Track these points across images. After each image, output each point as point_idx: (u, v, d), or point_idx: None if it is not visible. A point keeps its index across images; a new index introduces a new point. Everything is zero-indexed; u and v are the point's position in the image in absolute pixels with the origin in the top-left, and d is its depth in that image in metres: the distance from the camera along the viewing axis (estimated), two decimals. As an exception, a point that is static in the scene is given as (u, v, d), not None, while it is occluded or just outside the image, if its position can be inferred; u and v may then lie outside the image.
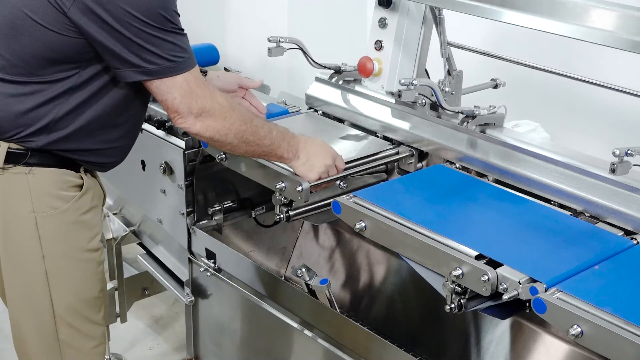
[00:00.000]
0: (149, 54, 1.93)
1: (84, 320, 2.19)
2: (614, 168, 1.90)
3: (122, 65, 1.94)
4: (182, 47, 1.97)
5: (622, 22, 1.88)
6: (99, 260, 2.19)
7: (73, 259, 2.12)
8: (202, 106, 2.01)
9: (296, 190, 2.20)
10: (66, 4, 1.89)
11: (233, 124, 2.07)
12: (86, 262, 2.15)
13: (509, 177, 2.21)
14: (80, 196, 2.10)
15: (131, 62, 1.93)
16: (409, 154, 2.47)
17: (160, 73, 1.96)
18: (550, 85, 2.62)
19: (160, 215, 2.83)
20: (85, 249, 2.14)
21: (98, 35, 1.91)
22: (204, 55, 3.13)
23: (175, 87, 1.97)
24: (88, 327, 2.20)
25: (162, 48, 1.94)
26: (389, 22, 2.43)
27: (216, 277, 2.66)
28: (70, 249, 2.11)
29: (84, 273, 2.16)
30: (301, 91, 2.82)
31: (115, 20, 1.89)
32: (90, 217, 2.14)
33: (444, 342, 2.48)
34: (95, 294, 2.20)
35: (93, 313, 2.21)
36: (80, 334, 2.19)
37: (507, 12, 2.05)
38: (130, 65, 1.94)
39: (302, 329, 2.38)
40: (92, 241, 2.15)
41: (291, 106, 2.77)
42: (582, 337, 1.61)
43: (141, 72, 1.95)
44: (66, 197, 2.08)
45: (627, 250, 1.91)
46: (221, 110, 2.05)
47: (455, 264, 1.82)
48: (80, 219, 2.11)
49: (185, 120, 2.01)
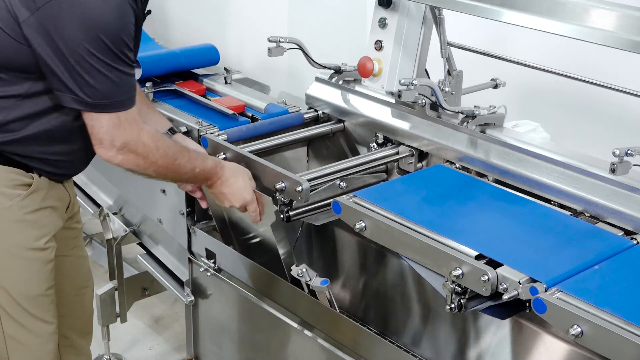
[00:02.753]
0: (87, 86, 1.94)
1: (29, 317, 2.18)
2: (614, 168, 1.90)
3: (61, 88, 1.96)
4: (122, 87, 1.98)
5: (622, 22, 1.88)
6: (46, 260, 2.18)
7: (15, 255, 2.12)
8: (125, 141, 2.03)
9: (296, 190, 2.20)
10: (20, 16, 1.91)
11: (154, 162, 2.11)
12: (30, 260, 2.15)
13: (509, 177, 2.21)
14: (26, 195, 2.10)
15: (70, 88, 1.94)
16: (409, 154, 2.47)
17: (92, 106, 1.97)
18: (550, 85, 2.62)
19: (160, 215, 2.83)
20: (29, 247, 2.13)
21: (44, 54, 1.92)
22: (204, 55, 3.13)
23: (105, 119, 1.99)
24: (34, 323, 2.20)
25: (101, 83, 1.94)
26: (389, 22, 2.43)
27: (216, 277, 2.66)
28: (11, 246, 2.12)
29: (27, 271, 2.15)
30: (301, 91, 2.82)
31: (63, 44, 1.90)
32: (38, 217, 2.14)
33: (444, 342, 2.48)
34: (41, 292, 2.19)
35: (40, 311, 2.20)
36: (26, 330, 2.19)
37: (507, 12, 2.05)
38: (68, 91, 1.95)
39: (302, 329, 2.38)
40: (39, 240, 2.15)
41: (291, 106, 2.77)
42: (582, 337, 1.61)
43: (77, 100, 1.96)
44: (10, 194, 2.08)
45: (627, 250, 1.91)
46: (144, 150, 2.08)
47: (455, 264, 1.82)
48: (25, 218, 2.11)
49: (107, 152, 2.04)
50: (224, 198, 2.32)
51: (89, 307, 2.57)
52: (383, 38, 2.45)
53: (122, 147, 2.03)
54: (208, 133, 2.53)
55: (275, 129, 2.66)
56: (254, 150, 2.50)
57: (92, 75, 1.92)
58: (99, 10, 1.89)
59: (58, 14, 1.88)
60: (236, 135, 2.56)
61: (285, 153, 2.71)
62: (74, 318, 2.48)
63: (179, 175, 2.22)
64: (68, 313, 2.41)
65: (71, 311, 2.44)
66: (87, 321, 2.57)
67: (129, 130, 2.03)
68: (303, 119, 2.72)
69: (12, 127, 2.04)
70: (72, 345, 2.49)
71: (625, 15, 1.88)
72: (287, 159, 2.72)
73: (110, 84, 1.95)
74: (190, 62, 3.07)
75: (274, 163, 2.37)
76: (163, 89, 2.92)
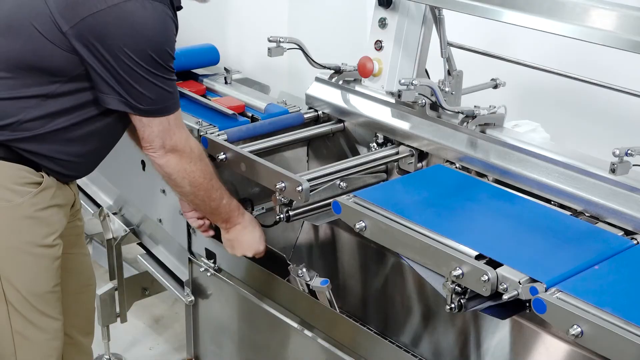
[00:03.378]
0: (136, 93, 2.01)
1: (37, 313, 2.20)
2: (614, 168, 1.90)
3: (108, 91, 2.02)
4: (168, 91, 2.06)
5: (622, 22, 1.88)
6: (54, 257, 2.20)
7: (25, 252, 2.14)
8: (174, 144, 2.13)
9: (296, 190, 2.20)
10: (64, 26, 1.95)
11: (194, 171, 2.20)
12: (39, 257, 2.17)
13: (509, 177, 2.20)
14: (37, 193, 2.12)
15: (118, 92, 2.01)
16: (409, 154, 2.47)
17: (143, 112, 2.06)
18: (550, 85, 2.62)
19: (160, 215, 2.83)
20: (39, 244, 2.15)
21: (90, 61, 1.98)
22: (204, 55, 3.13)
23: (155, 124, 2.09)
24: (41, 320, 2.21)
25: (150, 90, 2.02)
26: (389, 22, 2.43)
27: (216, 277, 2.66)
28: (21, 243, 2.13)
29: (36, 267, 2.17)
30: (301, 91, 2.82)
31: (109, 54, 1.96)
32: (47, 214, 2.16)
33: (444, 342, 2.48)
34: (48, 289, 2.21)
35: (47, 307, 2.22)
36: (33, 326, 2.20)
37: (507, 12, 2.05)
38: (116, 94, 2.02)
39: (302, 329, 2.38)
40: (48, 238, 2.17)
41: (291, 106, 2.77)
42: (582, 337, 1.61)
43: (125, 103, 2.03)
44: (22, 191, 2.10)
45: (627, 250, 1.90)
46: (190, 154, 2.17)
47: (455, 264, 1.82)
48: (36, 215, 2.13)
49: (155, 152, 2.13)
50: (239, 245, 2.40)
51: (92, 305, 2.59)
52: (383, 38, 2.45)
53: (171, 149, 2.13)
54: (208, 133, 2.53)
55: (275, 129, 2.66)
56: (254, 150, 2.50)
57: (139, 82, 2.00)
58: (145, 25, 1.96)
59: (105, 28, 1.94)
60: (236, 135, 2.56)
61: (285, 153, 2.71)
62: (77, 316, 2.50)
63: (208, 197, 2.27)
64: (71, 311, 2.42)
65: (74, 309, 2.46)
66: (89, 319, 2.58)
67: (178, 134, 2.13)
68: (303, 119, 2.72)
69: (30, 126, 2.06)
70: (74, 343, 2.50)
71: (625, 15, 1.88)
72: (287, 159, 2.72)
73: (159, 90, 2.04)
74: (190, 62, 3.07)
75: (274, 163, 2.38)
76: (163, 89, 2.91)
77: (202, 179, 2.22)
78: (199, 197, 2.27)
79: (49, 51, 1.98)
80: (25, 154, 2.09)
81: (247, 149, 2.48)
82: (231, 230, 2.38)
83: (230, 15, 3.84)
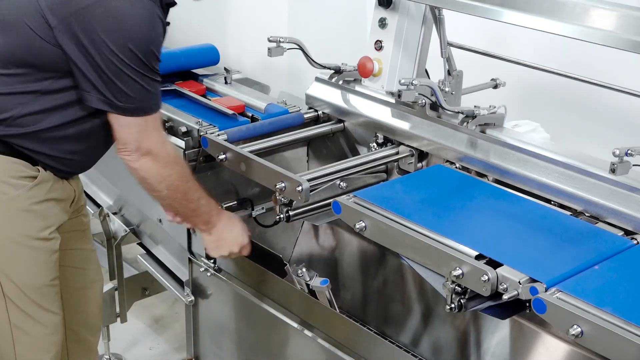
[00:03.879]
0: (116, 89, 2.00)
1: (35, 307, 2.20)
2: (614, 168, 1.90)
3: (89, 88, 2.01)
4: (149, 90, 2.04)
5: (622, 22, 1.88)
6: (51, 250, 2.20)
7: (21, 245, 2.14)
8: (150, 147, 2.09)
9: (296, 190, 2.20)
10: (52, 21, 1.96)
11: (170, 175, 2.17)
12: (36, 250, 2.17)
13: (509, 177, 2.21)
14: (33, 186, 2.12)
15: (98, 89, 2.00)
16: (409, 154, 2.47)
17: (120, 109, 2.03)
18: (551, 85, 2.62)
19: (160, 215, 2.82)
20: (35, 237, 2.15)
21: (75, 57, 1.97)
22: (204, 55, 3.13)
23: (132, 124, 2.06)
24: (40, 313, 2.21)
25: (130, 87, 2.00)
26: (389, 22, 2.43)
27: (216, 277, 2.66)
28: (18, 235, 2.14)
29: (33, 260, 2.17)
30: (301, 91, 2.82)
31: (93, 48, 1.95)
32: (44, 207, 2.16)
33: (444, 342, 2.48)
34: (46, 282, 2.21)
35: (45, 301, 2.22)
36: (32, 320, 2.20)
37: (507, 12, 2.05)
38: (97, 92, 2.01)
39: (302, 329, 2.38)
40: (44, 231, 2.17)
41: (291, 106, 2.77)
42: (582, 337, 1.61)
43: (104, 101, 2.02)
44: (18, 184, 2.11)
45: (627, 250, 1.91)
46: (165, 159, 2.14)
47: (455, 264, 1.82)
48: (32, 208, 2.13)
49: (129, 155, 2.10)
50: (224, 243, 2.37)
51: (99, 301, 2.58)
52: (383, 38, 2.45)
53: (146, 152, 2.09)
54: (208, 133, 2.53)
55: (275, 129, 2.66)
56: (254, 150, 2.50)
57: (123, 81, 1.99)
58: (132, 22, 1.96)
59: (91, 22, 1.94)
60: (236, 135, 2.56)
61: (285, 153, 2.71)
62: (84, 313, 2.49)
63: (186, 199, 2.25)
64: (77, 307, 2.43)
65: (80, 305, 2.46)
66: (96, 316, 2.57)
67: (155, 137, 2.10)
68: (303, 119, 2.72)
69: (24, 122, 2.07)
70: (81, 341, 2.51)
71: (625, 15, 1.88)
72: (287, 159, 2.72)
73: (139, 88, 2.02)
74: (190, 62, 3.07)
75: (274, 163, 2.37)
76: (163, 89, 2.89)
77: (178, 182, 2.20)
78: (177, 200, 2.25)
79: (39, 47, 1.98)
80: (21, 149, 2.10)
81: (247, 149, 2.48)
82: (213, 231, 2.36)
83: (230, 15, 3.84)
